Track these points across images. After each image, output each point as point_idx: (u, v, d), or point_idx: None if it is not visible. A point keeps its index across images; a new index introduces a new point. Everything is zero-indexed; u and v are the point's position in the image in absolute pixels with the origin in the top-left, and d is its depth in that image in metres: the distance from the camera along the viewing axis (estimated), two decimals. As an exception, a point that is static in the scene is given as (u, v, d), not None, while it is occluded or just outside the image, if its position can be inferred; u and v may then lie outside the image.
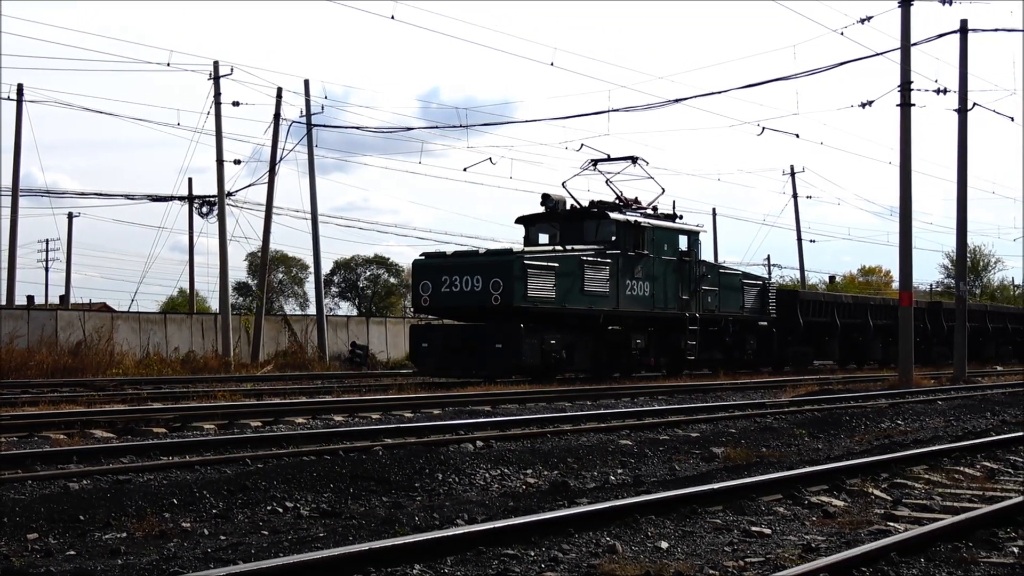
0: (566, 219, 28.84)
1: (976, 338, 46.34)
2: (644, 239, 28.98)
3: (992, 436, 13.75)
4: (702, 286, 31.12)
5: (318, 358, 38.78)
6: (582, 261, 27.14)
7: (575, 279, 26.93)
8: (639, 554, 7.01)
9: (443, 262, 26.98)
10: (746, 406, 18.92)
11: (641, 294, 28.94)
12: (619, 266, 28.11)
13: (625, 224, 28.57)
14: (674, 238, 30.47)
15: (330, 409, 17.19)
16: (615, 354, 28.90)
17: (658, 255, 29.54)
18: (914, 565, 6.70)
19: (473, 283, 25.93)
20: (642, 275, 28.96)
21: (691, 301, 30.53)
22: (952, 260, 67.56)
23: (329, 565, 6.06)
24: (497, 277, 25.56)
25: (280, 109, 39.28)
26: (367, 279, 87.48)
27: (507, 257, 26.08)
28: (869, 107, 29.25)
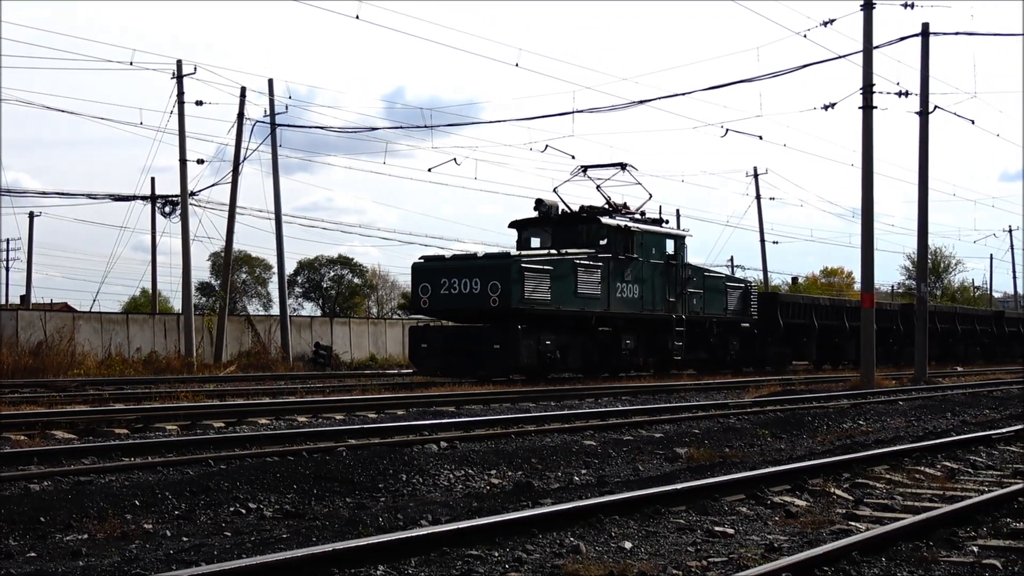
0: (559, 223, 29.71)
1: (947, 339, 48.43)
2: (633, 243, 29.92)
3: (952, 436, 13.86)
4: (688, 289, 32.04)
5: (281, 359, 38.62)
6: (575, 264, 28.00)
7: (569, 282, 27.79)
8: (603, 554, 7.02)
9: (442, 265, 27.73)
10: (709, 407, 18.98)
11: (631, 296, 29.86)
12: (610, 269, 28.99)
13: (616, 229, 29.45)
14: (661, 242, 31.41)
15: (293, 410, 17.13)
16: (606, 354, 29.68)
17: (647, 259, 30.48)
18: (875, 564, 6.75)
19: (472, 285, 26.75)
20: (631, 278, 29.88)
21: (678, 303, 31.48)
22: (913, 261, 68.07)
23: (292, 566, 6.03)
24: (495, 280, 26.37)
25: (244, 109, 39.12)
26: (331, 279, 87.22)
27: (505, 260, 26.92)
28: (831, 109, 29.46)
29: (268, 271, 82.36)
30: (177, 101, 37.85)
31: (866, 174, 28.15)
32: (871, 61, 27.77)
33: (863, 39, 27.87)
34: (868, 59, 27.78)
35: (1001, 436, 14.10)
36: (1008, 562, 6.90)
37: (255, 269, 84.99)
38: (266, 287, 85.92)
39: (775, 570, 6.25)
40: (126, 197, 46.82)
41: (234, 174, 39.02)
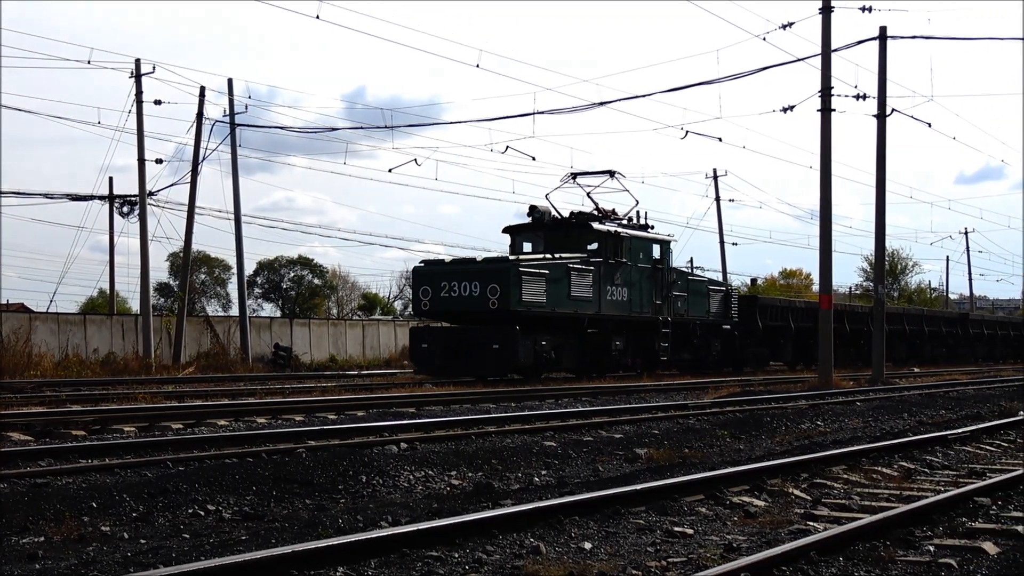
0: (551, 229, 30.96)
1: (914, 340, 50.18)
2: (622, 248, 31.22)
3: (909, 437, 13.97)
4: (673, 292, 33.43)
5: (241, 360, 38.45)
6: (569, 268, 29.22)
7: (563, 285, 29.03)
8: (563, 555, 7.04)
9: (443, 269, 28.99)
10: (669, 407, 19.05)
11: (620, 299, 31.13)
12: (601, 273, 30.26)
13: (606, 234, 30.81)
14: (648, 247, 32.78)
15: (253, 411, 17.06)
16: (597, 355, 30.86)
17: (635, 263, 31.79)
18: (833, 564, 6.80)
19: (471, 288, 27.87)
20: (621, 282, 31.15)
21: (663, 306, 32.88)
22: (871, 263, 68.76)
23: (251, 568, 6.01)
24: (494, 283, 27.53)
25: (203, 108, 38.91)
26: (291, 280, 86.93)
27: (504, 265, 28.03)
28: (790, 112, 29.66)
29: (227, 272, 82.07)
30: (135, 100, 37.63)
31: (824, 176, 28.37)
32: (829, 64, 27.99)
33: (822, 42, 28.08)
34: (827, 62, 27.99)
35: (957, 436, 14.24)
36: (963, 561, 6.97)
37: (214, 270, 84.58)
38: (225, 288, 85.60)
39: (734, 570, 6.28)
40: (84, 197, 46.45)
41: (193, 174, 38.81)
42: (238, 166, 40.34)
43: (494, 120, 33.66)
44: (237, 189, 40.53)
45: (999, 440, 14.73)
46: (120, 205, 50.57)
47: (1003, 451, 13.71)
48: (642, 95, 34.23)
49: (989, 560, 7.02)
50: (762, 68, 29.32)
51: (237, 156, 40.20)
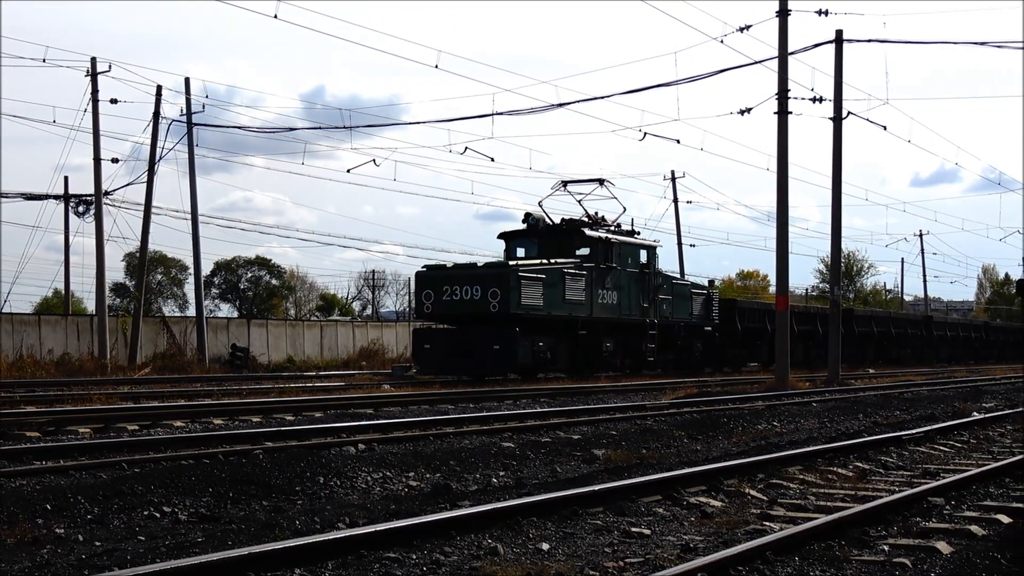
0: (545, 235, 32.24)
1: (882, 342, 51.96)
2: (613, 253, 32.71)
3: (864, 437, 14.08)
4: (659, 295, 34.94)
5: (198, 360, 38.21)
6: (564, 273, 30.70)
7: (558, 289, 30.45)
8: (520, 556, 7.05)
9: (445, 273, 30.43)
10: (627, 408, 19.10)
11: (610, 302, 32.65)
12: (592, 278, 31.76)
13: (597, 240, 32.22)
14: (636, 252, 34.32)
15: (209, 412, 16.96)
16: (589, 355, 32.29)
17: (624, 267, 33.29)
18: (789, 564, 6.85)
19: (473, 292, 29.18)
20: (611, 286, 32.65)
21: (650, 309, 34.37)
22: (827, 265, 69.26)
23: (207, 570, 5.98)
24: (495, 287, 28.87)
25: (160, 107, 38.65)
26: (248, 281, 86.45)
27: (504, 270, 29.41)
28: (748, 114, 29.80)
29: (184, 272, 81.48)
30: (91, 99, 37.36)
31: (781, 178, 28.54)
32: (786, 67, 28.16)
33: (778, 45, 28.24)
34: (783, 65, 28.16)
35: (911, 437, 14.37)
36: (917, 560, 7.04)
37: (171, 270, 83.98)
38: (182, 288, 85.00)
39: (690, 570, 6.31)
40: (38, 196, 46.08)
41: (149, 173, 38.54)
42: (195, 166, 40.13)
43: (453, 121, 33.52)
44: (194, 189, 40.30)
45: (952, 441, 14.88)
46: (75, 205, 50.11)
47: (956, 451, 13.85)
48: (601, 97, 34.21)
49: (943, 559, 7.09)
50: (720, 70, 29.65)
51: (194, 156, 39.99)
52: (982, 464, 11.94)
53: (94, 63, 37.36)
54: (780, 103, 28.18)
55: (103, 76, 37.61)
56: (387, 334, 52.01)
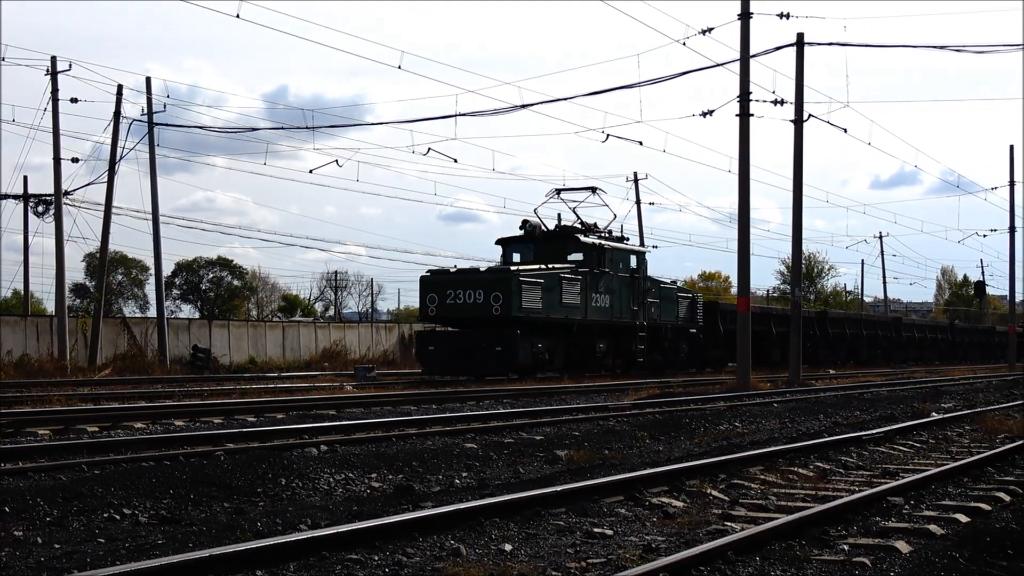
0: (541, 241, 33.68)
1: (854, 343, 53.73)
2: (605, 259, 34.05)
3: (825, 438, 14.17)
4: (647, 299, 36.29)
5: (159, 362, 37.96)
6: (561, 278, 31.97)
7: (556, 293, 31.69)
8: (483, 557, 7.05)
9: (448, 278, 31.50)
10: (589, 409, 19.13)
11: (603, 306, 33.97)
12: (587, 282, 33.01)
13: (591, 246, 33.58)
14: (627, 257, 35.72)
15: (170, 413, 16.87)
16: (583, 356, 33.66)
17: (615, 272, 34.57)
18: (750, 564, 6.89)
19: (475, 296, 30.32)
20: (603, 289, 33.96)
21: (639, 312, 35.66)
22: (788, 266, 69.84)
23: (168, 572, 5.94)
24: (497, 291, 30.02)
25: (120, 107, 38.38)
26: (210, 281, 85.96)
27: (506, 274, 30.56)
28: (710, 116, 29.94)
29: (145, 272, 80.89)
30: (51, 98, 37.05)
31: (743, 180, 28.67)
32: (748, 69, 28.28)
33: (740, 48, 28.36)
34: (745, 67, 28.29)
35: (871, 437, 14.48)
36: (877, 560, 7.10)
37: (131, 270, 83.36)
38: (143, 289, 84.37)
39: (652, 570, 6.34)
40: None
41: (110, 173, 38.27)
42: (156, 166, 39.86)
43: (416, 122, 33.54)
44: (155, 189, 40.03)
45: (912, 440, 15.01)
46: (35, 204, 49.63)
47: (916, 451, 13.97)
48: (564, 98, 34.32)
49: (902, 559, 7.15)
50: (682, 73, 29.77)
51: (155, 156, 39.71)
52: (941, 464, 12.04)
53: (54, 62, 37.08)
54: (742, 105, 28.31)
55: (63, 75, 37.34)
56: (349, 335, 51.88)
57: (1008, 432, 16.19)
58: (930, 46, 40.19)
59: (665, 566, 6.43)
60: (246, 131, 38.91)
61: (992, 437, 15.63)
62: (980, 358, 69.00)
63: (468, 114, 33.09)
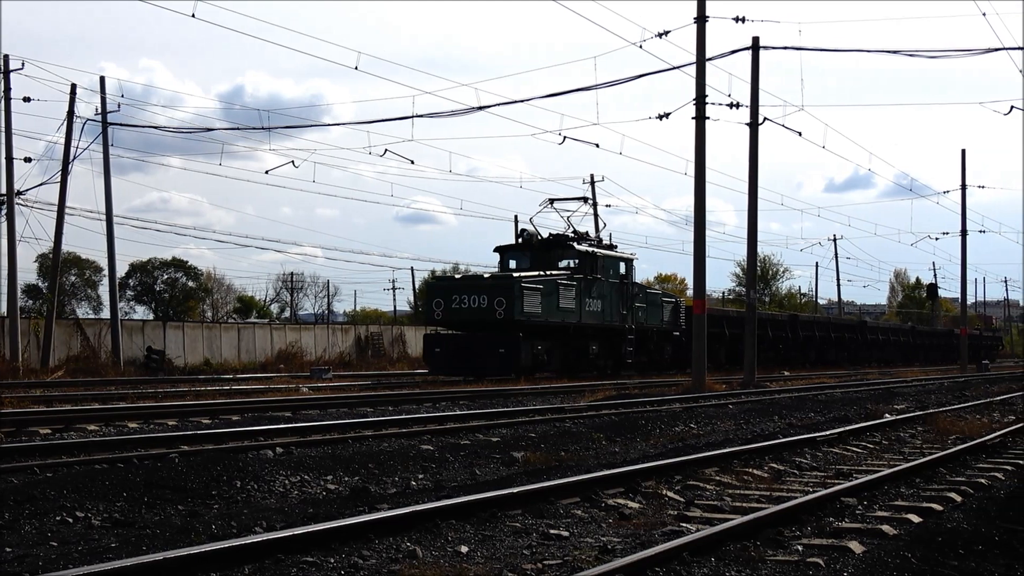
0: (538, 249, 35.60)
1: (822, 345, 56.31)
2: (597, 265, 35.91)
3: (779, 439, 14.26)
4: (635, 303, 38.13)
5: (112, 363, 37.65)
6: (558, 284, 33.89)
7: (554, 298, 33.58)
8: (439, 559, 7.04)
9: (453, 284, 34.31)
10: (546, 410, 19.15)
11: (595, 310, 35.77)
12: (581, 288, 34.86)
13: (584, 253, 35.45)
14: (616, 264, 37.49)
15: (124, 416, 16.73)
16: (577, 357, 35.54)
17: (606, 278, 36.40)
18: (705, 564, 6.92)
19: (480, 301, 32.22)
20: (596, 295, 35.76)
21: (628, 315, 37.54)
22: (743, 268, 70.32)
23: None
24: (500, 296, 31.87)
25: (74, 106, 38.11)
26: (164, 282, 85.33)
27: (509, 281, 32.42)
28: (666, 119, 29.98)
29: (98, 274, 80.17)
30: (3, 97, 36.69)
31: (699, 183, 28.79)
32: (704, 73, 28.40)
33: (696, 51, 28.47)
34: (701, 71, 28.40)
35: (825, 438, 14.59)
36: (831, 560, 7.15)
37: (85, 271, 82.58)
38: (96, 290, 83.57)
39: (608, 571, 6.35)
40: (-53, 195, 44.97)
41: (63, 173, 37.96)
42: (110, 166, 39.55)
43: (373, 123, 33.36)
44: (109, 189, 39.73)
45: (865, 441, 15.14)
46: (-14, 204, 49.08)
47: (869, 452, 14.09)
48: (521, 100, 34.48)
49: (855, 559, 7.21)
50: (639, 75, 29.80)
51: (109, 156, 39.41)
52: (893, 465, 12.15)
53: (6, 60, 36.73)
54: (698, 109, 28.42)
55: (16, 74, 37.09)
56: (305, 336, 51.68)
57: (959, 433, 16.36)
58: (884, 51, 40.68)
59: (621, 567, 6.45)
60: (201, 131, 38.84)
61: (944, 438, 15.79)
62: (940, 359, 70.71)
63: (425, 115, 32.82)
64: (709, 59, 28.62)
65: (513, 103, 32.55)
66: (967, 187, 55.81)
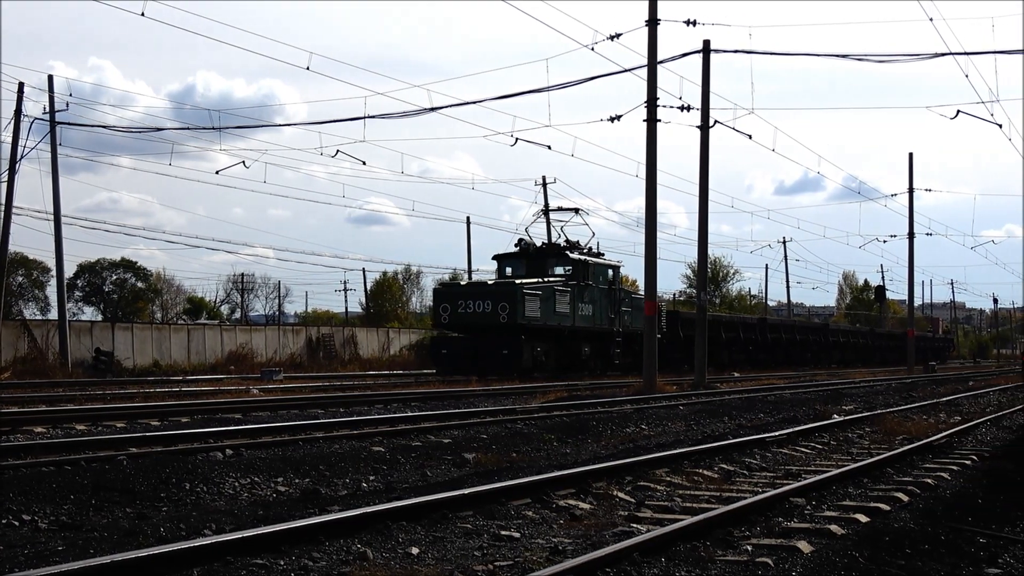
0: (534, 257, 38.05)
1: (788, 347, 59.10)
2: (589, 272, 38.36)
3: (729, 439, 14.36)
4: (622, 308, 40.40)
5: (60, 365, 37.27)
6: (555, 289, 36.37)
7: (551, 303, 36.05)
8: (390, 560, 7.03)
9: (459, 290, 36.65)
10: (497, 412, 19.15)
11: (587, 314, 38.15)
12: (574, 293, 37.34)
13: (577, 261, 38.05)
14: (605, 271, 40.05)
15: (72, 418, 16.57)
16: (571, 358, 37.96)
17: (597, 284, 38.71)
18: (655, 565, 6.95)
19: (484, 305, 34.55)
20: (587, 300, 38.17)
21: (615, 319, 40.02)
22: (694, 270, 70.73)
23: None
24: (504, 301, 34.31)
25: (21, 105, 37.73)
26: (113, 283, 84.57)
27: (511, 287, 34.90)
28: (618, 121, 30.08)
29: (46, 274, 79.34)
30: (-52, 95, 36.23)
31: (650, 185, 28.90)
32: (655, 75, 28.51)
33: (648, 54, 28.57)
34: (652, 73, 28.51)
35: (774, 439, 14.69)
36: (779, 560, 7.20)
37: (32, 272, 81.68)
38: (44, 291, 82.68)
39: (559, 572, 6.36)
40: None
41: (10, 173, 37.54)
42: (59, 165, 39.17)
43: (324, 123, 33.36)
44: (57, 189, 39.34)
45: (814, 442, 15.26)
46: (-69, 204, 48.43)
47: (817, 453, 14.20)
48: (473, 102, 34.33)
49: (803, 559, 7.27)
50: (591, 78, 29.75)
51: (58, 155, 39.03)
52: (842, 465, 12.26)
53: (-49, 58, 36.30)
54: (649, 111, 28.52)
55: (-39, 72, 36.52)
56: (256, 338, 51.39)
57: (906, 433, 16.53)
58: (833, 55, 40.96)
59: (572, 568, 6.46)
60: (151, 131, 38.44)
61: (891, 438, 15.95)
62: (897, 360, 72.29)
63: (377, 116, 32.69)
64: (660, 62, 28.75)
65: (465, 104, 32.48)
66: (915, 190, 56.49)
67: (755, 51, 29.67)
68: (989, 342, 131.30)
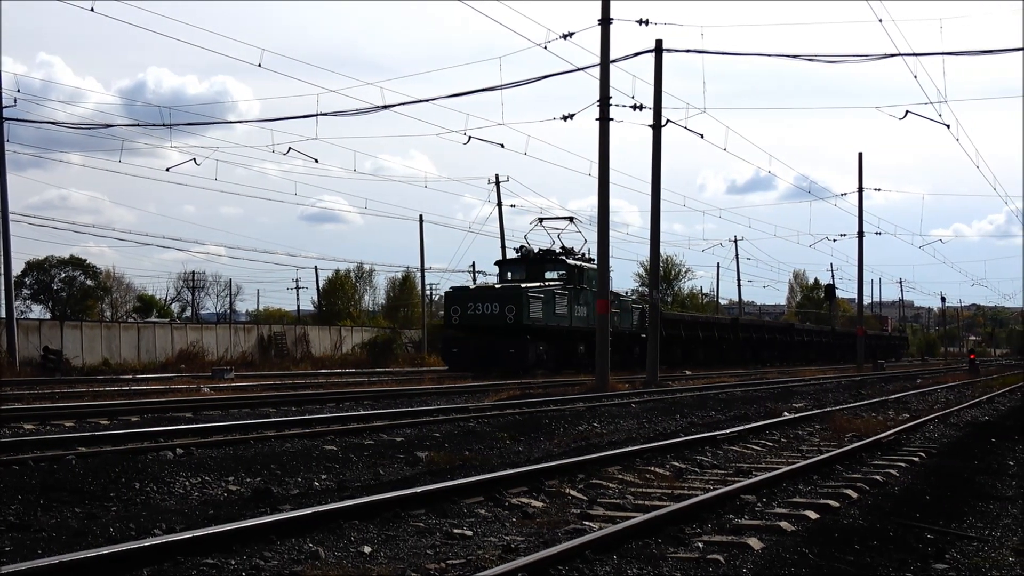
0: (532, 262, 41.14)
1: (757, 346, 62.34)
2: (583, 277, 40.80)
3: (681, 437, 14.43)
4: (612, 310, 39.82)
5: (7, 364, 36.83)
6: (555, 293, 39.26)
7: (552, 305, 38.93)
8: (342, 559, 7.01)
9: (468, 293, 39.23)
10: (450, 410, 19.14)
11: (582, 315, 40.68)
12: (571, 296, 40.20)
13: (573, 266, 40.84)
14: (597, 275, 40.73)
15: (20, 417, 16.39)
16: (568, 357, 40.49)
17: (590, 288, 39.68)
18: (607, 562, 6.97)
19: (492, 308, 37.57)
20: (582, 302, 40.71)
21: None
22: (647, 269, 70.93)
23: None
24: (511, 304, 37.32)
25: (-32, 101, 37.14)
26: (62, 281, 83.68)
27: (517, 290, 37.81)
28: (570, 120, 30.15)
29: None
30: None
31: (602, 184, 28.98)
32: (608, 75, 28.59)
33: (600, 53, 28.66)
34: (605, 73, 28.59)
35: (725, 437, 14.78)
36: (730, 556, 7.25)
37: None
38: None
39: (511, 570, 6.37)
40: None
41: (-44, 169, 36.99)
42: (6, 162, 38.70)
43: (276, 120, 33.08)
44: (4, 185, 38.85)
45: (764, 440, 15.37)
46: None
47: (768, 450, 14.30)
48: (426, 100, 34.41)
49: (754, 555, 7.32)
50: (544, 76, 29.79)
51: (5, 152, 38.57)
52: (792, 462, 12.35)
53: None
54: (602, 110, 28.61)
55: (-94, 66, 36.01)
56: (207, 336, 51.07)
57: (856, 431, 16.68)
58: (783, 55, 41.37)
59: (524, 566, 6.48)
60: (101, 127, 38.19)
61: (841, 436, 16.09)
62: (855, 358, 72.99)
63: (329, 114, 32.62)
64: (613, 61, 28.85)
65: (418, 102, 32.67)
66: (864, 190, 57.03)
67: (707, 51, 29.87)
68: (937, 340, 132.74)
